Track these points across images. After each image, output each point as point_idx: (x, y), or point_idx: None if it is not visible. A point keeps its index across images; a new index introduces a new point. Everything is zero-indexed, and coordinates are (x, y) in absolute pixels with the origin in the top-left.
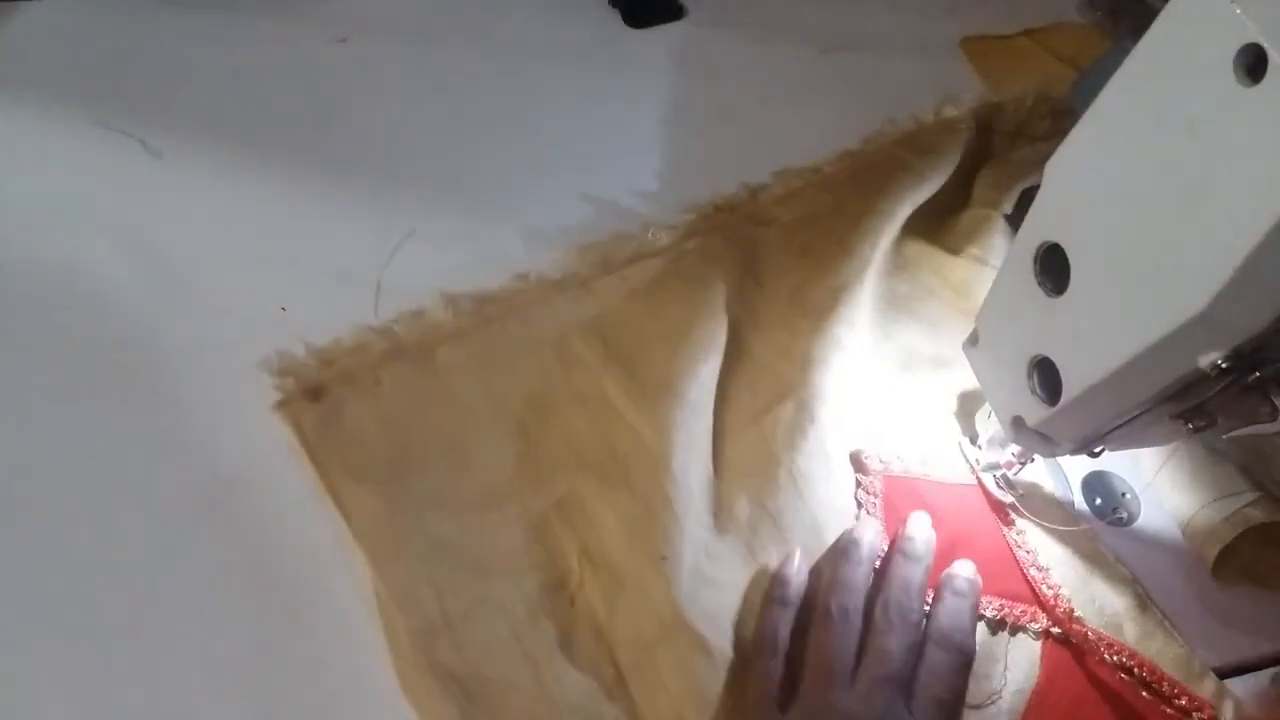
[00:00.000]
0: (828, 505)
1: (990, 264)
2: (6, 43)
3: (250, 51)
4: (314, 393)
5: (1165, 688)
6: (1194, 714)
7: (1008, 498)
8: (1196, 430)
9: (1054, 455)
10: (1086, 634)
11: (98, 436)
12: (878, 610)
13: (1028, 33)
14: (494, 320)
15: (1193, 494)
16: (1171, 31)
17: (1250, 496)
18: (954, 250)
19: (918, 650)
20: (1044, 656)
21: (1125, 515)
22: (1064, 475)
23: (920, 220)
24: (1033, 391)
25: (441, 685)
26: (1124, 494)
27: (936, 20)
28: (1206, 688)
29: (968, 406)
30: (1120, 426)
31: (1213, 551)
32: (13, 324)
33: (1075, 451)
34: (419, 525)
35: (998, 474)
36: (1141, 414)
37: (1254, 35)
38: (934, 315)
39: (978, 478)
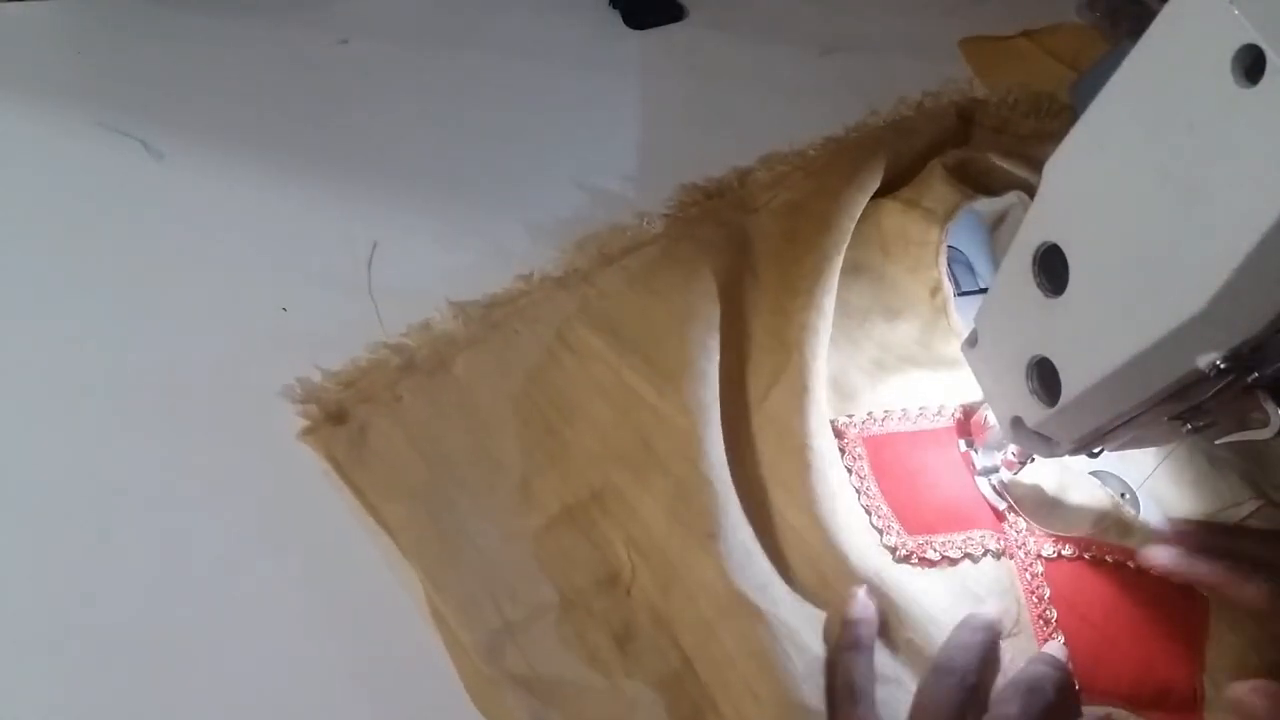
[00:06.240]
0: (840, 475)
1: (923, 206)
2: (7, 43)
3: (252, 53)
4: (337, 416)
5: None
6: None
7: (1001, 504)
8: (1195, 431)
9: (1053, 456)
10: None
11: (103, 444)
12: (1004, 686)
13: (1026, 34)
14: (502, 323)
15: (1195, 505)
16: (1170, 33)
17: (1253, 506)
18: (891, 194)
19: None
20: (1047, 575)
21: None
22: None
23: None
24: (1032, 392)
25: (513, 693)
26: (1123, 494)
27: (936, 21)
28: None
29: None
30: (1119, 427)
31: None
32: (13, 326)
33: (1074, 452)
34: (466, 536)
35: (994, 479)
36: (1140, 414)
37: (1252, 36)
38: (876, 266)
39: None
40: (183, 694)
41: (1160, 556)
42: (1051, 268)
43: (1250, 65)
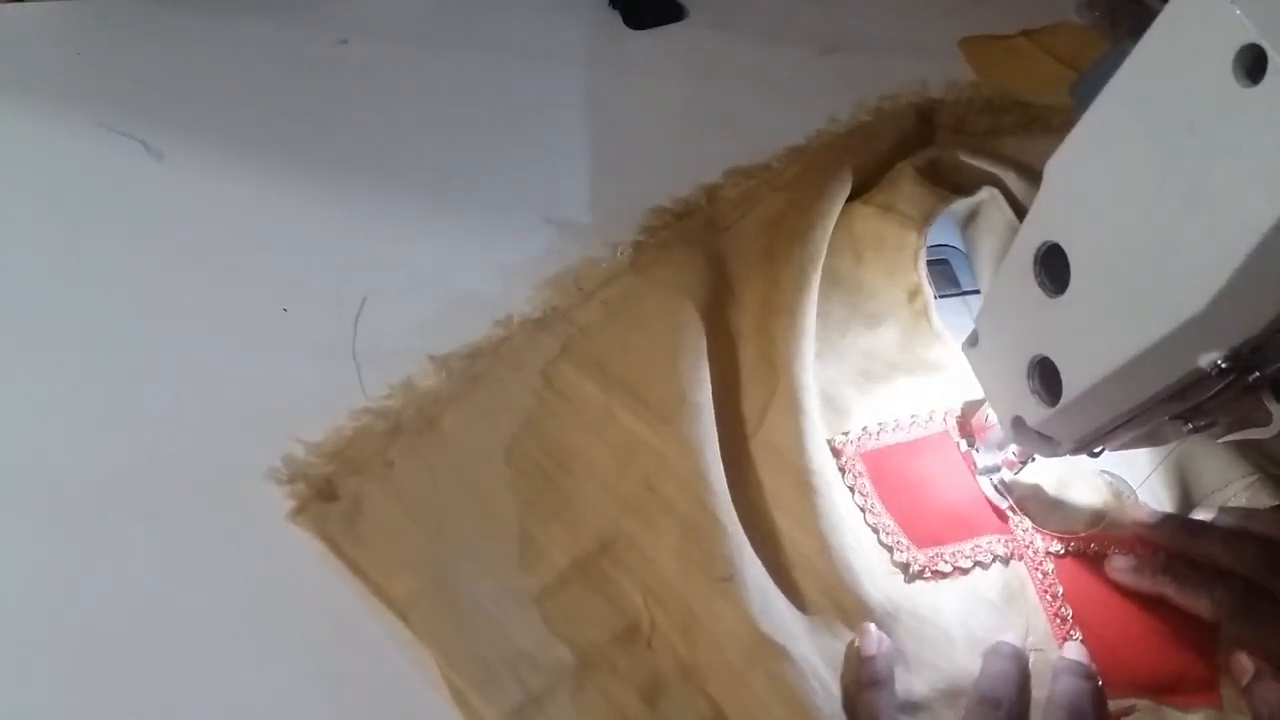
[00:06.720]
0: (844, 495)
1: (899, 210)
2: (8, 43)
3: (252, 53)
4: (328, 492)
5: None
6: None
7: (1004, 502)
8: (1196, 430)
9: (1054, 455)
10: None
11: (95, 451)
12: (1046, 707)
13: (1026, 34)
14: (486, 373)
15: (1190, 490)
16: (1171, 32)
17: (1244, 482)
18: (862, 199)
19: None
20: (1058, 573)
21: None
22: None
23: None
24: (1033, 392)
25: None
26: (1123, 494)
27: (936, 21)
28: None
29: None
30: (1120, 427)
31: None
32: (12, 326)
33: (1075, 452)
34: (475, 604)
35: (995, 478)
36: (1141, 414)
37: (1254, 36)
38: (850, 272)
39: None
40: None
41: (1119, 572)
42: (1053, 267)
43: (1251, 65)
